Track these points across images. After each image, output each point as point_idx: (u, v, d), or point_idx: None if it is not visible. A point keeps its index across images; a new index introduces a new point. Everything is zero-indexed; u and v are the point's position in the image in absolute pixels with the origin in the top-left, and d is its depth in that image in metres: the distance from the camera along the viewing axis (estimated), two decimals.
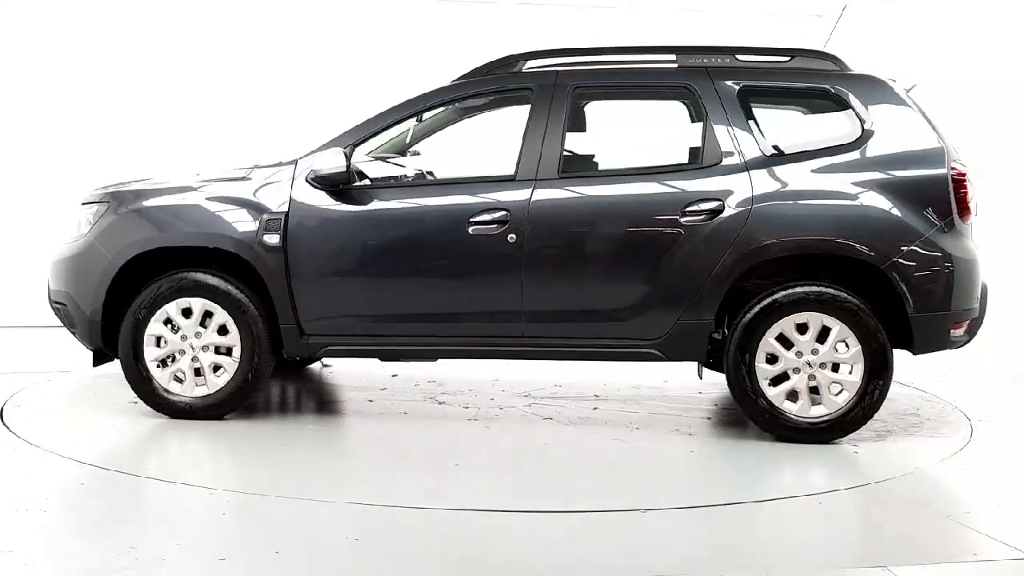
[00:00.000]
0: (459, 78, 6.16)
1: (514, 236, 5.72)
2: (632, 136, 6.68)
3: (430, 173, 6.43)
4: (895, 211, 5.59)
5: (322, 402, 6.72)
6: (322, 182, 5.84)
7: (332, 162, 5.78)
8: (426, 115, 6.31)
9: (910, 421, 6.21)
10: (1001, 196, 8.72)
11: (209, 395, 5.96)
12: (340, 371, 7.46)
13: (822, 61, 5.98)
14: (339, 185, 5.84)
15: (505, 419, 6.18)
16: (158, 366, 5.99)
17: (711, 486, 5.01)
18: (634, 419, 6.25)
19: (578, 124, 6.20)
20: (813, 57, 6.02)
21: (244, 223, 5.87)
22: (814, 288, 5.64)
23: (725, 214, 5.64)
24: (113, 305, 6.02)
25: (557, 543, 4.32)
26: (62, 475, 5.01)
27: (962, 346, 5.86)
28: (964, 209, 5.67)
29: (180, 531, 4.34)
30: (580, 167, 6.23)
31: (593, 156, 6.42)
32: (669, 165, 5.99)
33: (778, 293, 5.65)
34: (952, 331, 5.69)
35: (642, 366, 7.33)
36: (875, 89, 5.84)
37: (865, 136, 5.75)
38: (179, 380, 5.99)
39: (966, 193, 5.66)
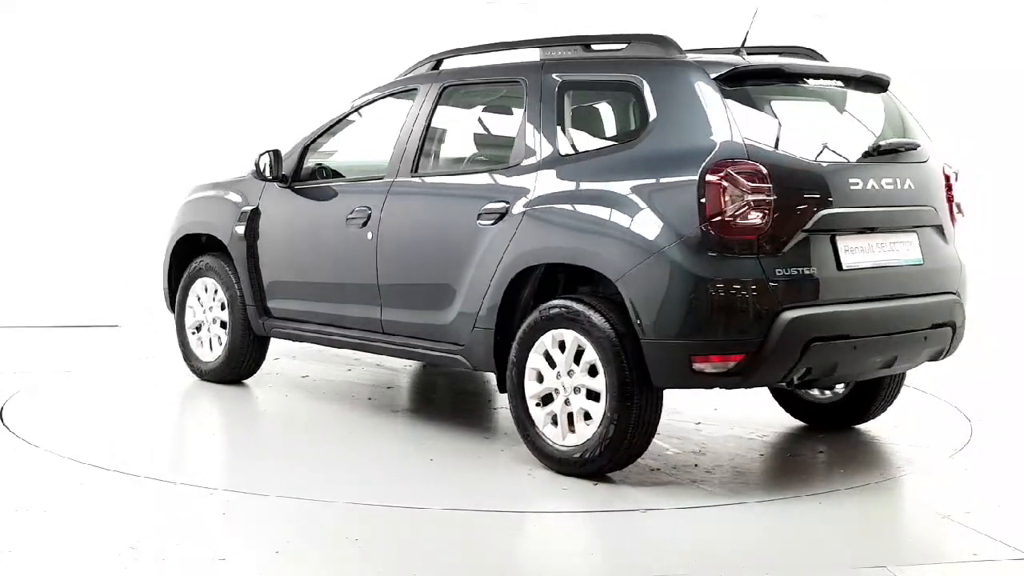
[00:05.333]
0: (397, 77, 6.26)
1: (371, 234, 5.82)
2: (476, 133, 6.47)
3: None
4: (641, 219, 4.80)
5: (324, 401, 6.71)
6: (266, 179, 6.38)
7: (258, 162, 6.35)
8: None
9: (910, 421, 6.20)
10: (998, 195, 8.74)
11: (211, 362, 6.82)
12: (364, 368, 7.46)
13: (651, 47, 5.19)
14: (286, 183, 6.33)
15: (511, 421, 6.17)
16: (192, 332, 6.92)
17: (711, 486, 5.01)
18: None
19: (487, 124, 6.20)
20: (647, 43, 5.23)
21: (230, 215, 6.64)
22: (564, 302, 5.00)
23: (506, 218, 5.25)
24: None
25: (557, 543, 4.32)
26: (62, 475, 5.01)
27: (733, 387, 4.97)
28: (712, 219, 4.66)
29: (180, 531, 4.34)
30: (428, 167, 6.00)
31: (442, 155, 6.25)
32: (487, 164, 5.95)
33: (540, 306, 5.11)
34: (696, 364, 4.70)
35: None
36: (674, 79, 4.99)
37: (645, 133, 5.00)
38: (202, 345, 6.91)
39: (717, 201, 4.66)
